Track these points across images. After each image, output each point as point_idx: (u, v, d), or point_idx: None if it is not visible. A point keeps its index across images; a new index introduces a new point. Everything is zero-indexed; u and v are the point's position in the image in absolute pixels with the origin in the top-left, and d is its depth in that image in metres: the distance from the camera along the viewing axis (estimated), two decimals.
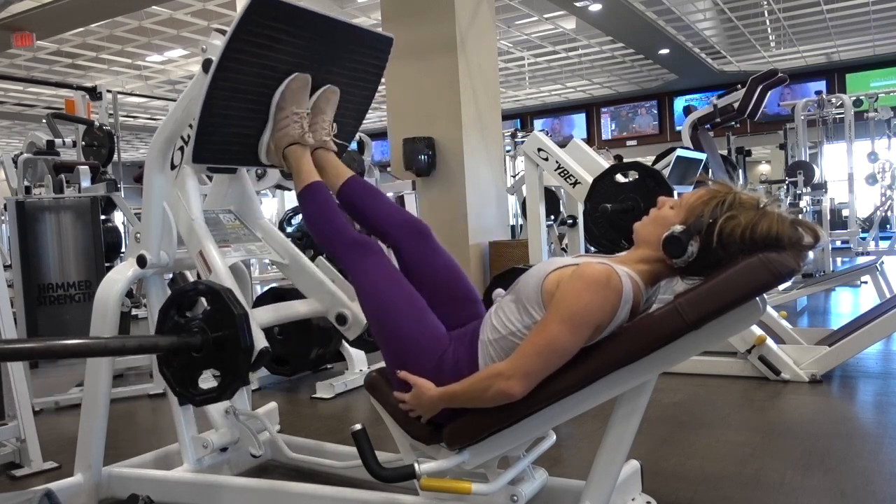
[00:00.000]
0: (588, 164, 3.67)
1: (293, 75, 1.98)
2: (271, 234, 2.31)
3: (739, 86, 5.18)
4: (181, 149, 2.07)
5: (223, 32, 1.83)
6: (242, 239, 2.21)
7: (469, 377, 1.63)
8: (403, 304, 1.77)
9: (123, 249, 4.86)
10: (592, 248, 3.64)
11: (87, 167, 4.07)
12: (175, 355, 1.83)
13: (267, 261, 2.33)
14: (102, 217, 4.00)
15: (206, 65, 1.86)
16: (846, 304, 6.27)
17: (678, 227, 1.58)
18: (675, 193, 3.13)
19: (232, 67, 1.84)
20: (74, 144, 5.10)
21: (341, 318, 2.19)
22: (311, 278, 2.23)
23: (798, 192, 7.40)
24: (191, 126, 2.00)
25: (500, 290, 1.78)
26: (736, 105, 5.15)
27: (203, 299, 1.85)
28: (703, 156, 4.47)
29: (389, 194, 5.28)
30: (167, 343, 1.79)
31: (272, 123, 2.02)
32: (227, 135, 1.97)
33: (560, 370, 1.56)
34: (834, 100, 8.33)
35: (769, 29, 10.49)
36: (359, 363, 3.87)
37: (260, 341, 1.81)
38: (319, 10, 1.92)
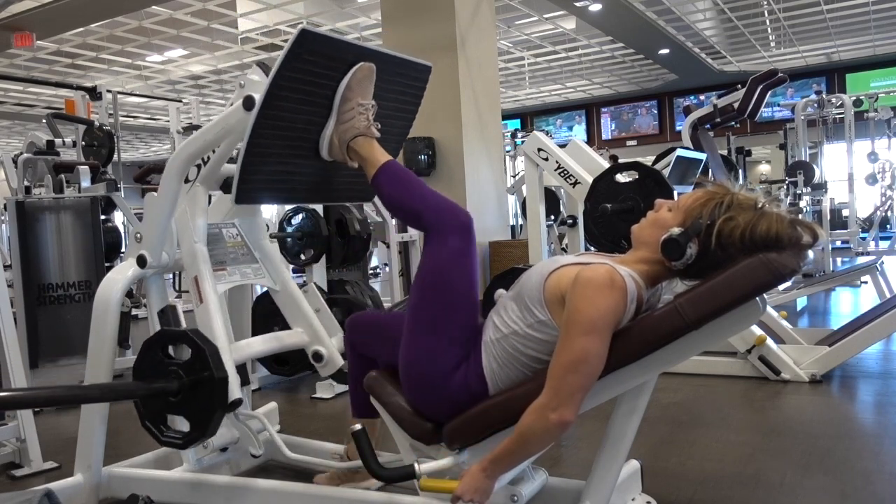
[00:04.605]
0: (588, 164, 3.67)
1: (358, 65, 1.90)
2: (270, 256, 2.33)
3: (739, 86, 5.17)
4: (198, 166, 2.10)
5: (263, 66, 1.81)
6: (240, 260, 2.25)
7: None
8: (457, 302, 1.71)
9: (123, 249, 4.86)
10: (592, 248, 3.64)
11: (87, 167, 4.06)
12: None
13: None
14: (102, 217, 4.00)
15: (248, 102, 1.83)
16: (846, 304, 6.27)
17: (676, 230, 1.57)
18: (675, 193, 3.13)
19: (275, 105, 1.79)
20: (74, 144, 5.11)
21: (317, 356, 2.26)
22: (298, 309, 2.28)
23: (798, 192, 7.40)
24: (213, 151, 2.04)
25: (501, 291, 1.78)
26: (736, 105, 5.14)
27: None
28: (703, 156, 4.48)
29: None
30: (145, 391, 1.89)
31: (335, 116, 1.93)
32: (271, 172, 1.93)
33: None
34: (834, 100, 8.33)
35: (769, 29, 10.49)
36: None
37: (234, 393, 1.87)
38: (364, 45, 1.89)
